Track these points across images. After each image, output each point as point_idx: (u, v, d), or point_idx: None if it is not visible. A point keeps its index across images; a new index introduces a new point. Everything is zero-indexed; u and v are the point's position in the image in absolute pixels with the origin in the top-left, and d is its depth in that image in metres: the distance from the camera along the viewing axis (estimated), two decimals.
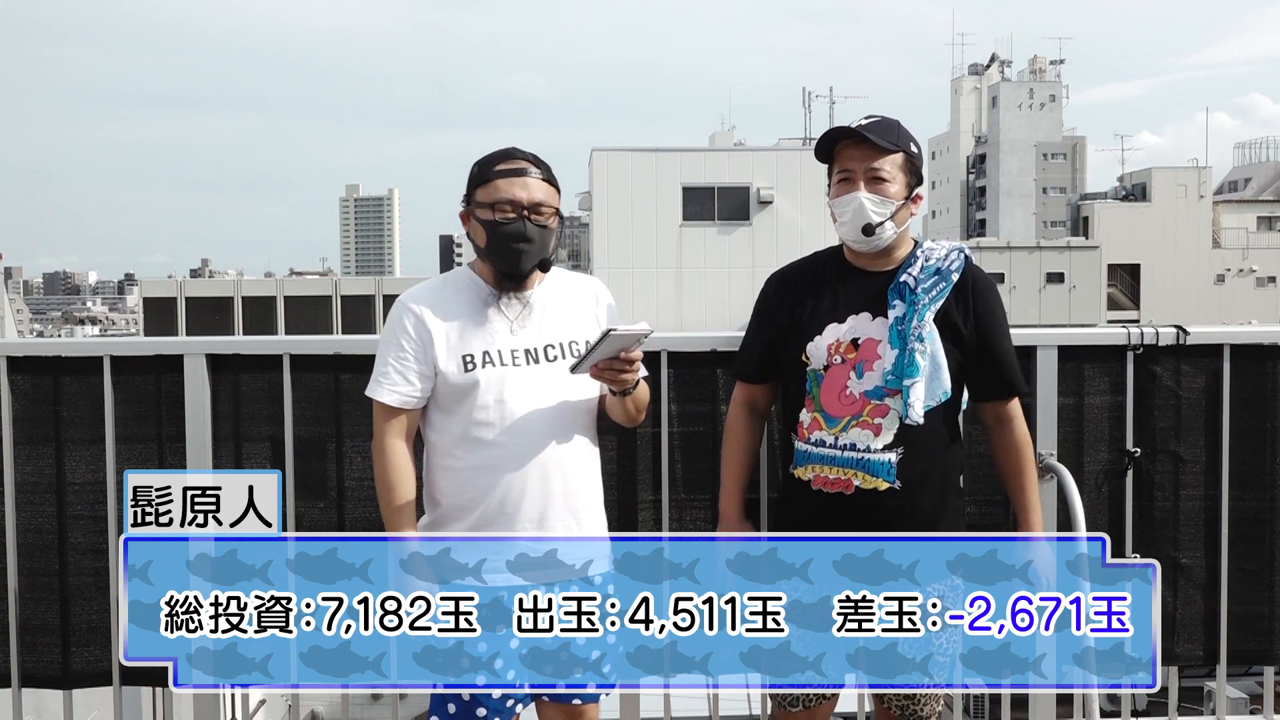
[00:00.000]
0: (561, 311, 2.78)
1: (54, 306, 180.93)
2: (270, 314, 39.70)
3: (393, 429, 2.72)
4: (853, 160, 2.78)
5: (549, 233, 2.72)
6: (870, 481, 2.74)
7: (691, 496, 3.42)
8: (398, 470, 2.71)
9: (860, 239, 2.78)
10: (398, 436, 2.72)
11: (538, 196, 2.69)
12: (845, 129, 2.79)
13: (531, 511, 2.69)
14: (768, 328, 2.91)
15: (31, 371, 3.37)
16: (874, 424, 2.74)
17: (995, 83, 63.91)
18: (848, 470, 2.75)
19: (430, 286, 2.80)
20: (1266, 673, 3.62)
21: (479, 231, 2.72)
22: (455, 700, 2.69)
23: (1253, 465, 3.49)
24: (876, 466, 2.73)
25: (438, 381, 2.71)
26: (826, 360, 2.79)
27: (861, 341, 2.76)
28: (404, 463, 2.72)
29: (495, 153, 2.76)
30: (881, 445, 2.73)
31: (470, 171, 2.76)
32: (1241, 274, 49.81)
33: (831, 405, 2.78)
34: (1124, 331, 3.47)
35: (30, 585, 3.38)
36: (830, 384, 2.78)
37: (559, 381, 2.72)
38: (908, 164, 2.79)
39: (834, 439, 2.76)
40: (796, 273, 2.93)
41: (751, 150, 34.38)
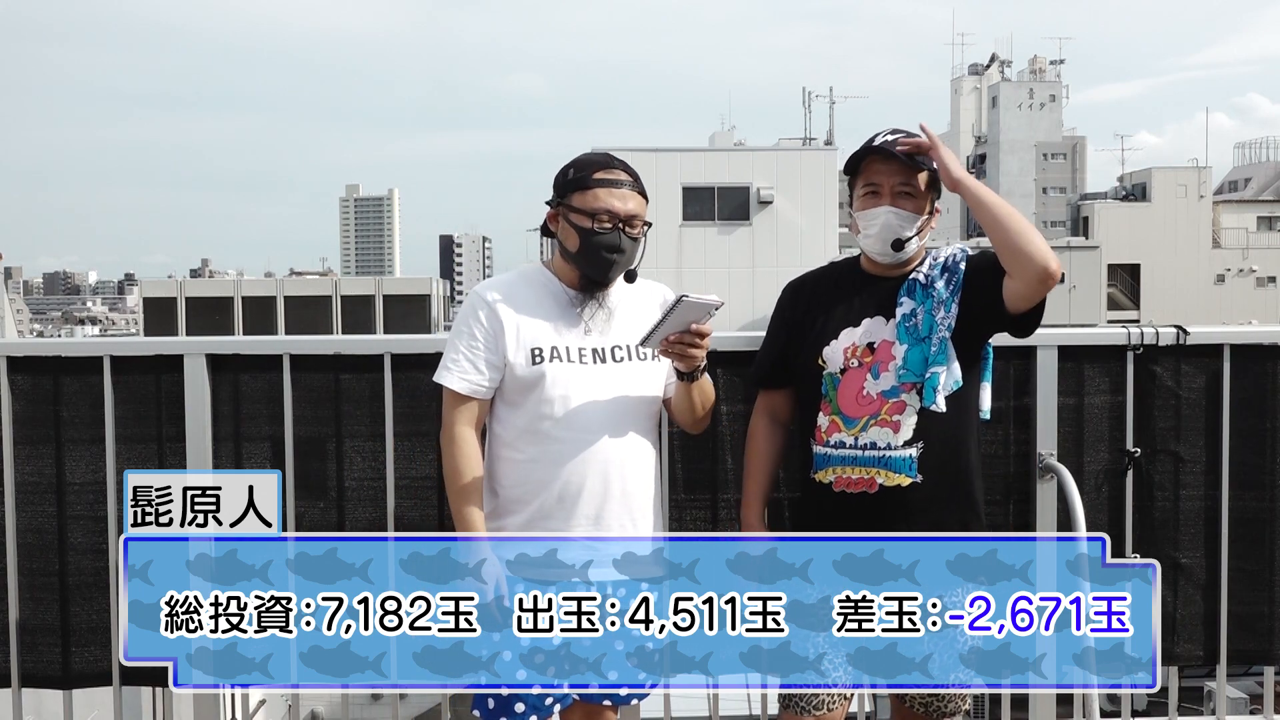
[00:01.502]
0: (631, 314, 2.81)
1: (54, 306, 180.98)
2: (270, 314, 39.71)
3: (462, 416, 2.74)
4: (880, 175, 2.82)
5: (639, 244, 2.77)
6: (893, 479, 2.76)
7: (691, 496, 3.42)
8: (467, 458, 2.72)
9: (888, 253, 2.82)
10: (466, 424, 2.74)
11: (632, 208, 2.74)
12: (880, 148, 2.81)
13: (589, 509, 2.71)
14: (781, 334, 2.97)
15: (31, 371, 3.37)
16: (893, 421, 2.76)
17: (995, 83, 63.88)
18: (870, 469, 2.77)
19: (505, 280, 2.83)
20: (1266, 673, 3.62)
21: (571, 235, 2.74)
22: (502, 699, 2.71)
23: (1253, 465, 3.49)
24: (898, 463, 2.76)
25: (505, 373, 2.73)
26: (843, 364, 2.82)
27: (877, 345, 2.80)
28: (473, 450, 2.74)
29: (593, 158, 2.78)
30: (902, 442, 2.76)
31: (564, 173, 2.77)
32: (1241, 274, 49.78)
33: (849, 407, 2.80)
34: (1124, 331, 3.47)
35: (30, 585, 3.38)
36: (847, 386, 2.81)
37: (625, 382, 2.76)
38: (931, 180, 2.84)
39: (854, 439, 2.79)
40: (813, 281, 3.00)
41: (751, 150, 34.38)
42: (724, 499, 3.41)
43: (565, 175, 2.77)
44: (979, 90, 66.69)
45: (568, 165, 2.79)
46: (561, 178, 2.78)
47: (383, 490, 3.37)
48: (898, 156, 2.78)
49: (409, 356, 3.33)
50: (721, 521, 3.41)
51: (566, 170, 2.78)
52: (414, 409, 3.34)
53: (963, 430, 2.82)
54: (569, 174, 2.76)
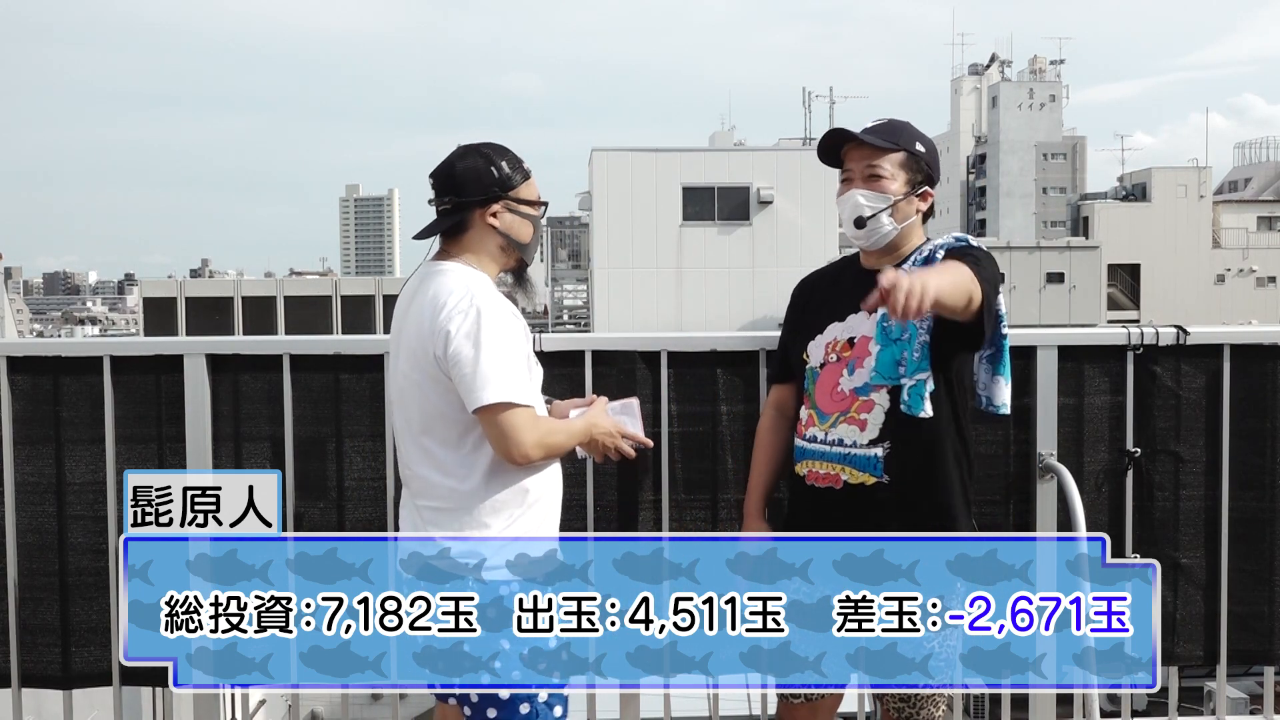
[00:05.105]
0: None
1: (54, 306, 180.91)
2: (270, 314, 39.68)
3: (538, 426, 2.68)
4: (853, 160, 2.84)
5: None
6: (857, 476, 2.77)
7: (691, 496, 3.42)
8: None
9: (855, 232, 2.83)
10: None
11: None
12: (839, 131, 2.85)
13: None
14: (786, 330, 3.02)
15: (31, 371, 3.37)
16: (860, 419, 2.77)
17: (995, 83, 63.83)
18: (836, 465, 2.79)
19: (499, 295, 2.73)
20: (1266, 673, 3.62)
21: (523, 226, 2.76)
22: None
23: (1253, 465, 3.49)
24: (862, 461, 2.76)
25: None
26: (823, 358, 2.85)
27: (856, 340, 2.80)
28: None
29: (504, 147, 2.78)
30: (867, 440, 2.76)
31: (493, 168, 2.72)
32: (1241, 274, 49.77)
33: (824, 402, 2.83)
34: (1124, 331, 3.47)
35: (30, 585, 3.38)
36: (824, 381, 2.84)
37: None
38: (910, 162, 2.82)
39: (824, 434, 2.82)
40: (817, 277, 3.03)
41: (751, 150, 34.39)
42: (724, 499, 3.41)
43: (499, 170, 2.71)
44: (979, 90, 66.64)
45: (489, 160, 2.71)
46: (495, 173, 2.71)
47: (383, 490, 3.37)
48: (868, 141, 2.79)
49: None
50: (721, 521, 3.41)
51: (494, 165, 2.71)
52: None
53: (938, 434, 2.78)
54: (503, 168, 2.72)
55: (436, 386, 2.63)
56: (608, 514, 3.37)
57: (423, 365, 2.64)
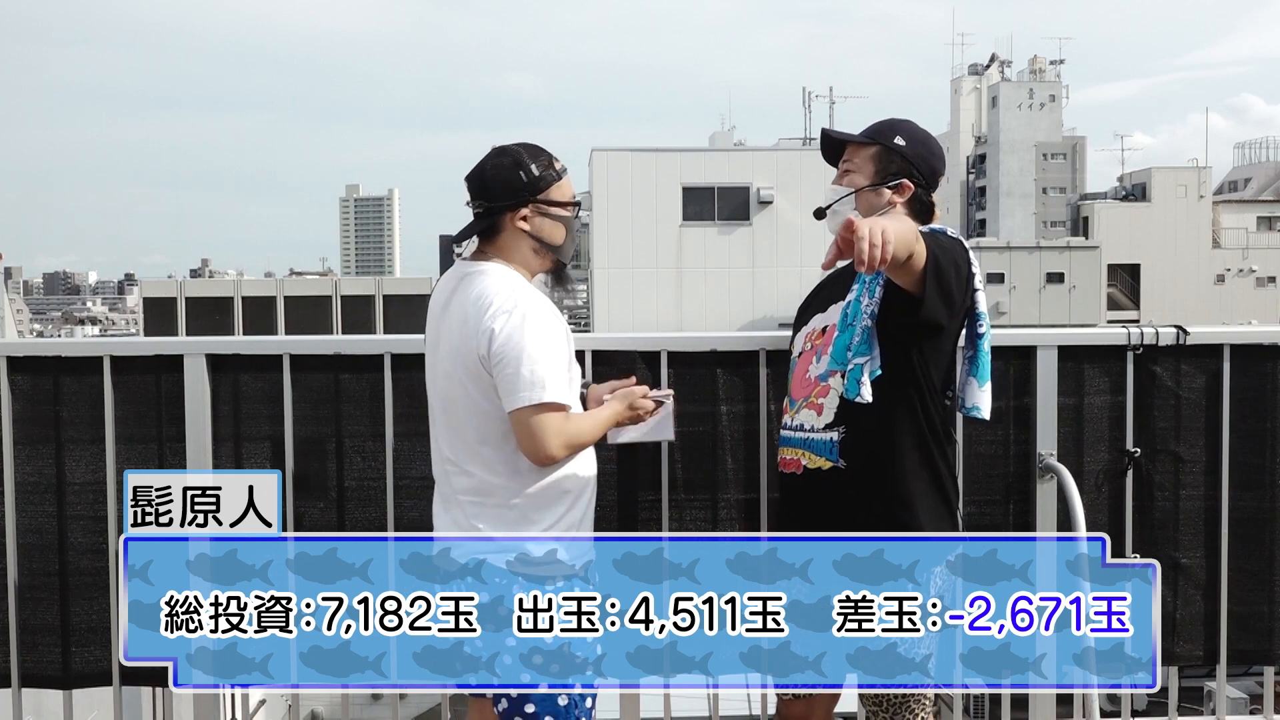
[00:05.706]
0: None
1: (54, 306, 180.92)
2: (270, 314, 39.67)
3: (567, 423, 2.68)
4: (840, 162, 2.96)
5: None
6: (815, 460, 2.81)
7: (691, 496, 3.42)
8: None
9: (824, 224, 2.92)
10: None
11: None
12: (823, 131, 2.98)
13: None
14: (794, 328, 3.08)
15: (31, 371, 3.37)
16: (818, 404, 2.82)
17: (995, 83, 63.80)
18: (798, 450, 2.85)
19: (540, 295, 2.73)
20: (1266, 673, 3.62)
21: (555, 228, 2.75)
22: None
23: (1253, 465, 3.49)
24: (819, 446, 2.80)
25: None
26: (801, 348, 2.93)
27: (827, 328, 2.85)
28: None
29: (538, 147, 2.76)
30: (822, 425, 2.79)
31: (527, 171, 2.71)
32: (1241, 274, 49.76)
33: (795, 389, 2.91)
34: (1124, 331, 3.47)
35: (30, 585, 3.38)
36: (799, 369, 2.92)
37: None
38: (882, 155, 2.87)
39: (791, 420, 2.89)
40: (823, 276, 3.03)
41: (751, 150, 34.37)
42: (724, 499, 3.41)
43: (528, 173, 2.70)
44: (979, 90, 66.63)
45: (519, 163, 2.71)
46: (524, 176, 2.70)
47: (383, 490, 3.37)
48: (837, 136, 2.92)
49: (409, 356, 3.32)
50: (721, 521, 3.42)
51: (524, 169, 2.70)
52: (414, 409, 3.33)
53: (892, 420, 2.75)
54: (532, 170, 2.71)
55: (479, 384, 2.64)
56: (608, 514, 3.37)
57: (466, 363, 2.65)
